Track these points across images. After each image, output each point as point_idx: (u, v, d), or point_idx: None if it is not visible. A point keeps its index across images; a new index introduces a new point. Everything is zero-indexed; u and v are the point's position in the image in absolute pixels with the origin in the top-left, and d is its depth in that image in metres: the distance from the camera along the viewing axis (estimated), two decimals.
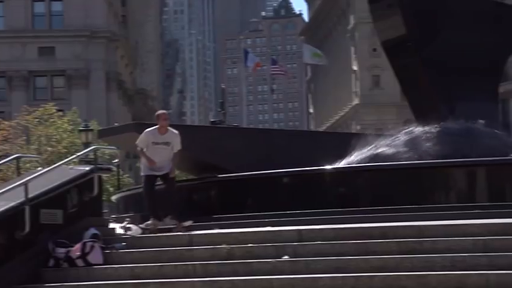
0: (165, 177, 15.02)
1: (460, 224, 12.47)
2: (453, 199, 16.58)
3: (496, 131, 20.87)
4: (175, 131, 15.15)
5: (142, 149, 15.03)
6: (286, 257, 11.67)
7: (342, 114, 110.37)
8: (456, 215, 13.68)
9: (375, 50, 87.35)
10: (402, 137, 19.74)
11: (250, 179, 17.48)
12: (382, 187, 16.68)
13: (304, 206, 15.76)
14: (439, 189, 16.94)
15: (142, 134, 15.17)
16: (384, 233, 12.17)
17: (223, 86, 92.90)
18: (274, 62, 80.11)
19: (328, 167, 17.22)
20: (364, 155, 18.90)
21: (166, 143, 14.90)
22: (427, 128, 19.87)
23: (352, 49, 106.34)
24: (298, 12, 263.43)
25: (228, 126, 38.94)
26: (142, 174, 15.43)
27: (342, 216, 14.12)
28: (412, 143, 19.48)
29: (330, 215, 14.68)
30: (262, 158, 19.67)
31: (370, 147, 19.27)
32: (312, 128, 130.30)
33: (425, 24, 20.84)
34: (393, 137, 19.97)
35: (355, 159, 18.89)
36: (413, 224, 12.61)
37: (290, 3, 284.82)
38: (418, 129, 20.09)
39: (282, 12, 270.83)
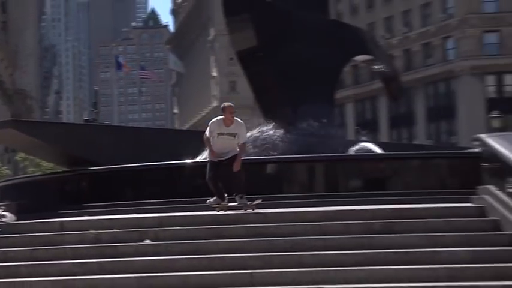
0: (229, 161, 13.49)
1: (300, 211, 12.71)
2: (296, 190, 16.83)
3: (333, 131, 21.45)
4: (241, 122, 13.77)
5: (208, 139, 13.62)
6: (148, 241, 11.65)
7: (203, 114, 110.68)
8: (298, 204, 13.93)
9: (231, 59, 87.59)
10: (255, 135, 20.07)
11: (118, 171, 17.35)
12: None
13: (165, 195, 15.77)
14: (284, 181, 17.26)
15: (209, 124, 13.78)
16: (233, 219, 12.30)
17: (96, 88, 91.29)
18: (142, 68, 79.81)
19: (187, 160, 17.29)
20: None
21: (232, 134, 13.55)
22: (275, 128, 20.24)
23: (212, 58, 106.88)
24: (164, 24, 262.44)
25: (100, 124, 38.35)
26: (207, 159, 14.07)
27: (198, 204, 14.16)
28: (263, 141, 19.81)
29: (188, 203, 14.75)
30: (131, 153, 19.57)
31: None
32: (176, 126, 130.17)
33: (274, 37, 21.17)
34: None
35: None
36: (260, 211, 12.79)
37: (158, 15, 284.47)
38: (267, 129, 20.43)
39: (151, 23, 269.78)
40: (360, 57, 25.06)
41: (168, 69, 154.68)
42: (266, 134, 19.92)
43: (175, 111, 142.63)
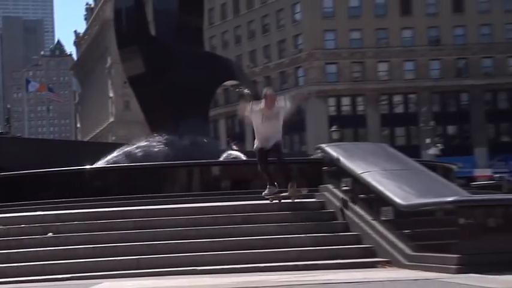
0: (273, 149, 12.15)
1: (179, 207, 12.62)
2: (177, 189, 16.73)
3: (207, 141, 21.48)
4: (281, 104, 12.19)
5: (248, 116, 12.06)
6: (50, 234, 11.27)
7: (101, 128, 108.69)
8: (178, 201, 13.84)
9: (125, 82, 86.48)
10: (142, 146, 19.97)
11: (26, 176, 16.78)
12: (128, 181, 16.56)
13: (65, 196, 15.34)
14: (168, 182, 17.14)
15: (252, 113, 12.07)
16: (122, 215, 12.07)
17: (8, 106, 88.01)
18: (50, 90, 77.42)
19: (87, 166, 16.96)
20: (116, 158, 18.93)
21: (275, 117, 12.00)
22: (160, 139, 20.16)
23: (109, 81, 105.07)
24: (69, 53, 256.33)
25: (12, 136, 36.90)
26: (255, 148, 12.39)
27: (94, 203, 13.82)
28: (149, 150, 19.68)
29: (85, 202, 14.37)
30: (40, 160, 19.04)
31: (119, 152, 19.35)
32: (79, 138, 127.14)
33: (159, 65, 21.03)
34: (136, 146, 20.12)
35: (111, 160, 18.82)
36: (145, 207, 12.56)
37: (63, 45, 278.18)
38: (153, 140, 20.30)
39: (57, 52, 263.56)
40: (229, 82, 25.28)
41: (71, 90, 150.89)
42: (144, 146, 19.91)
43: (78, 125, 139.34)
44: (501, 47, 69.00)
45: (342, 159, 11.83)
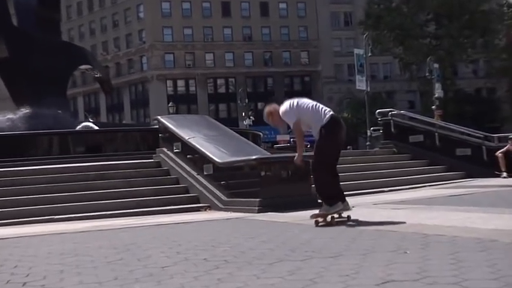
0: None
1: (41, 168, 11.93)
2: (40, 153, 15.75)
3: (66, 115, 20.44)
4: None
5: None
6: None
7: None
8: (40, 163, 13.06)
9: None
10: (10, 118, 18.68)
11: None
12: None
13: None
14: (32, 148, 16.10)
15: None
16: None
17: None
18: None
19: None
20: None
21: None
22: (24, 113, 18.93)
23: None
24: None
25: None
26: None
27: None
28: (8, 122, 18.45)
29: None
30: None
31: None
32: None
33: (21, 50, 19.55)
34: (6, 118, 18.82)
35: None
36: (12, 169, 11.69)
37: None
38: (18, 113, 19.04)
39: None
40: (83, 67, 24.15)
41: None
42: (13, 117, 18.54)
43: None
44: (296, 43, 72.28)
45: (172, 127, 11.80)
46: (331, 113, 6.26)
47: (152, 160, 12.47)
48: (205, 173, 10.52)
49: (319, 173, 6.17)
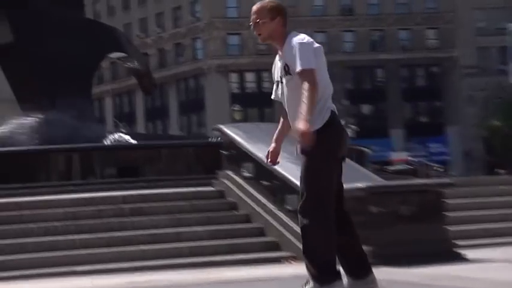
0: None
1: (54, 198, 12.31)
2: (54, 178, 16.31)
3: (90, 123, 21.10)
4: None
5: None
6: None
7: None
8: (54, 191, 13.47)
9: None
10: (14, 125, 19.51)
11: None
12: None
13: None
14: (42, 169, 16.70)
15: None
16: None
17: None
18: None
19: None
20: None
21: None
22: (33, 119, 19.67)
23: None
24: None
25: None
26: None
27: None
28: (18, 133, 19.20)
29: None
30: None
31: None
32: None
33: (31, 34, 20.40)
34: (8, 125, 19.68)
35: None
36: (14, 199, 12.16)
37: None
38: (26, 120, 19.79)
39: None
40: (114, 55, 24.84)
41: None
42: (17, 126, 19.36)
43: None
44: (419, 17, 71.26)
45: (241, 141, 11.87)
46: (333, 106, 5.33)
47: (212, 188, 12.59)
48: (288, 208, 10.49)
49: (313, 220, 5.21)
